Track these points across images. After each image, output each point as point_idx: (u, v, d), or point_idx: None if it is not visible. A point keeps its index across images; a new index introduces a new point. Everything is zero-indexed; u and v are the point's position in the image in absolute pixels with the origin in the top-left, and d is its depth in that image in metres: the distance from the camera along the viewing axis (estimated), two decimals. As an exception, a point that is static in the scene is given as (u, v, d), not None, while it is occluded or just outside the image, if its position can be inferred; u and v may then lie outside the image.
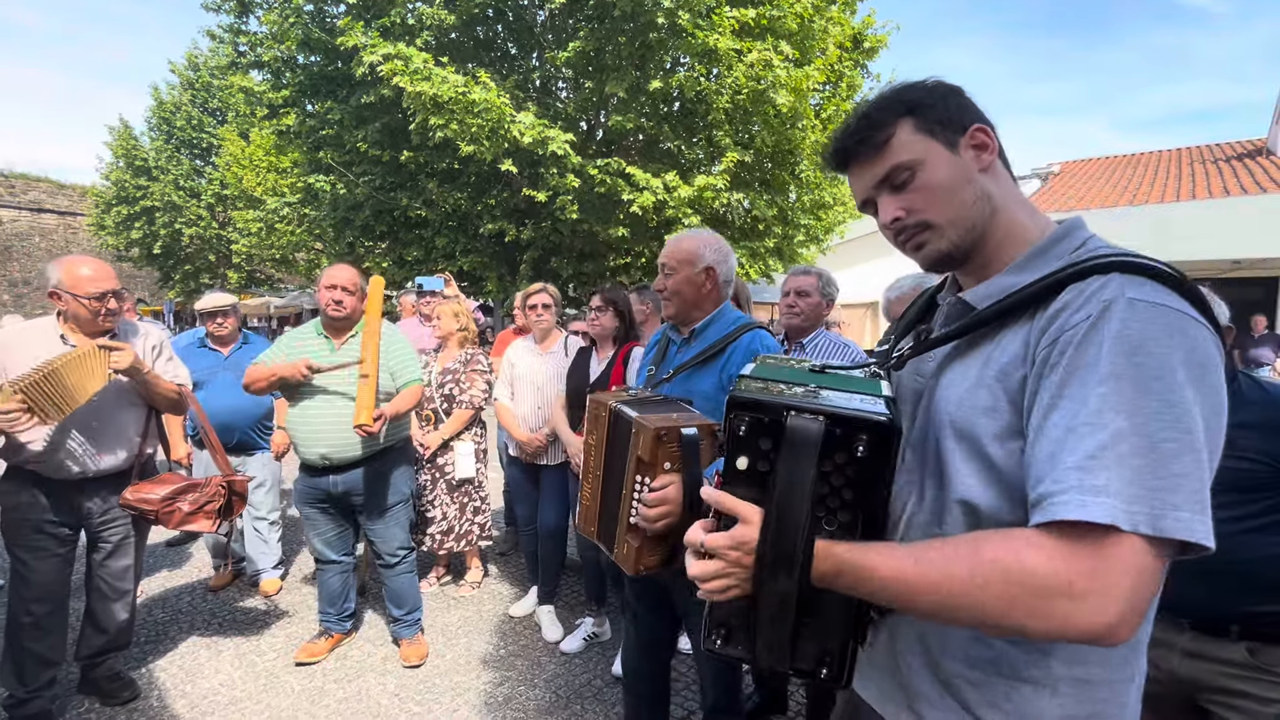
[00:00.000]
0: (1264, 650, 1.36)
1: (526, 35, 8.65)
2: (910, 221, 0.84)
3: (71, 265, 2.24)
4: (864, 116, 0.85)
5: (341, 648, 2.94)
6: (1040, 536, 0.65)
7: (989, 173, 0.84)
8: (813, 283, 2.55)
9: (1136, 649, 0.80)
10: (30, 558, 2.27)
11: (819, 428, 0.72)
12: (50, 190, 24.22)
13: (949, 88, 0.86)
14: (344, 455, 2.66)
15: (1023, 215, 0.85)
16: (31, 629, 2.27)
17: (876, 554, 0.71)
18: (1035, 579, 0.63)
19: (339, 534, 2.84)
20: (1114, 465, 0.62)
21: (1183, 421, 0.63)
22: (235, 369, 3.40)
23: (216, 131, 19.33)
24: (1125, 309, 0.67)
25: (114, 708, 2.50)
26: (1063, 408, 0.67)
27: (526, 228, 8.71)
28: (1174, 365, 0.64)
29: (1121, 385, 0.64)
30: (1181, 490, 0.61)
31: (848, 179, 0.92)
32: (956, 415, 0.79)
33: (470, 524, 3.52)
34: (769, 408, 0.76)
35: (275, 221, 13.06)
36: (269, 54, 8.46)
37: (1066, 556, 0.62)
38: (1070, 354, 0.68)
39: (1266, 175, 10.05)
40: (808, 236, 9.59)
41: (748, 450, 0.77)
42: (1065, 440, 0.66)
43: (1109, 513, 0.61)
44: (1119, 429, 0.63)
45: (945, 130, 0.82)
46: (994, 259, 0.85)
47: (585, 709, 2.55)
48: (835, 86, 9.08)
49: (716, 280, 1.87)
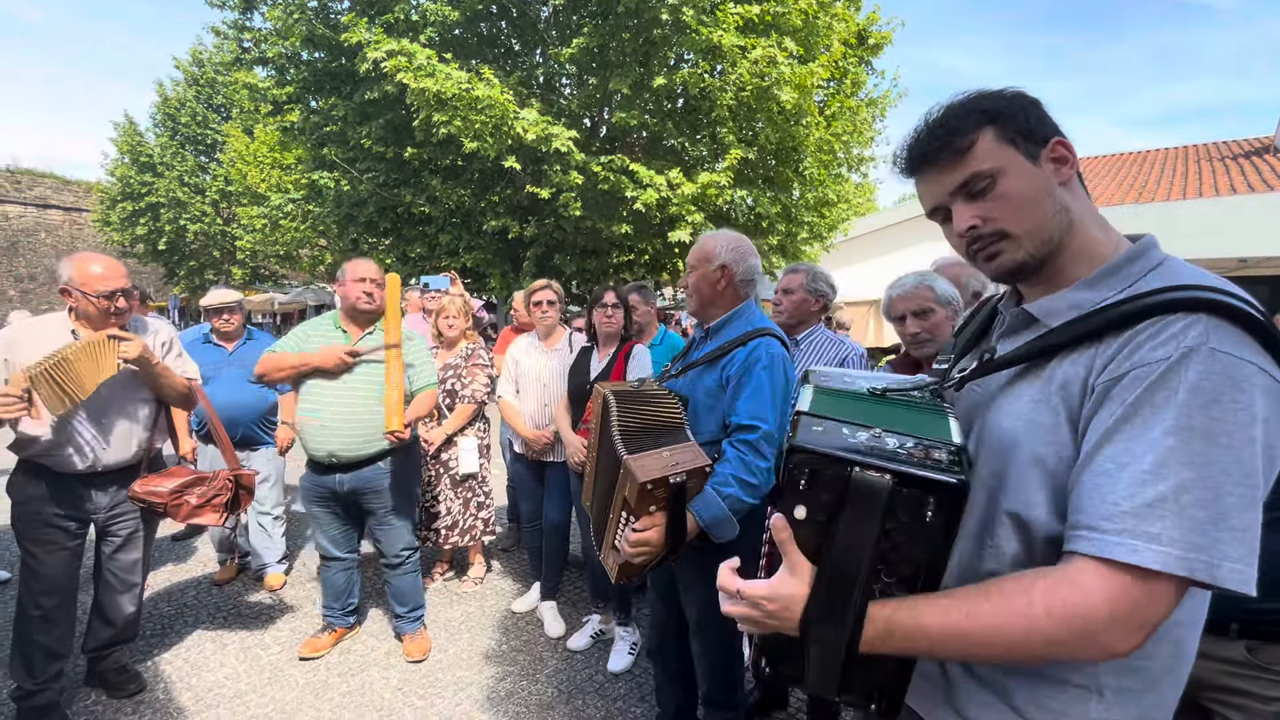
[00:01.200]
0: (1263, 648, 1.36)
1: (530, 31, 8.63)
2: (986, 230, 0.83)
3: (83, 263, 2.24)
4: (943, 122, 0.84)
5: (345, 642, 2.96)
6: (1084, 576, 0.67)
7: (1068, 186, 0.83)
8: (798, 280, 2.54)
9: (1185, 658, 0.81)
10: (40, 551, 2.29)
11: (886, 486, 0.69)
12: (56, 186, 24.30)
13: (1030, 99, 0.85)
14: (353, 454, 2.66)
15: (1096, 231, 0.84)
16: (40, 621, 2.29)
17: (928, 612, 0.71)
18: (1087, 623, 0.66)
19: (344, 531, 2.85)
20: (1173, 514, 0.64)
21: (1251, 477, 0.65)
22: (240, 365, 3.42)
23: (221, 128, 19.37)
24: (1206, 360, 0.67)
25: (120, 700, 2.52)
26: (1118, 443, 0.68)
27: (530, 224, 8.71)
28: (1246, 422, 0.65)
29: (1192, 439, 0.65)
30: (1242, 544, 0.64)
31: (915, 184, 0.90)
32: (1016, 431, 0.79)
33: (474, 519, 3.54)
34: (833, 460, 0.72)
35: (279, 218, 13.06)
36: (273, 50, 8.47)
37: (1114, 598, 0.65)
38: (1139, 392, 0.68)
39: (1273, 173, 9.98)
40: (811, 234, 9.55)
41: (807, 501, 0.74)
42: (1118, 477, 0.67)
43: (1161, 560, 0.64)
44: (1183, 480, 0.64)
45: (1026, 141, 0.81)
46: (1063, 273, 0.84)
47: (587, 704, 2.56)
48: (839, 83, 9.04)
49: (732, 279, 1.91)
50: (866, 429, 0.76)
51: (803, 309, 2.54)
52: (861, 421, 0.78)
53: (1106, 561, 0.66)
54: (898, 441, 0.74)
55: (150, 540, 2.58)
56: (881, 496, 0.69)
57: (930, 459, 0.72)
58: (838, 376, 0.97)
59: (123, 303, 2.28)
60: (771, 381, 1.73)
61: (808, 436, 0.75)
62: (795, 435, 0.76)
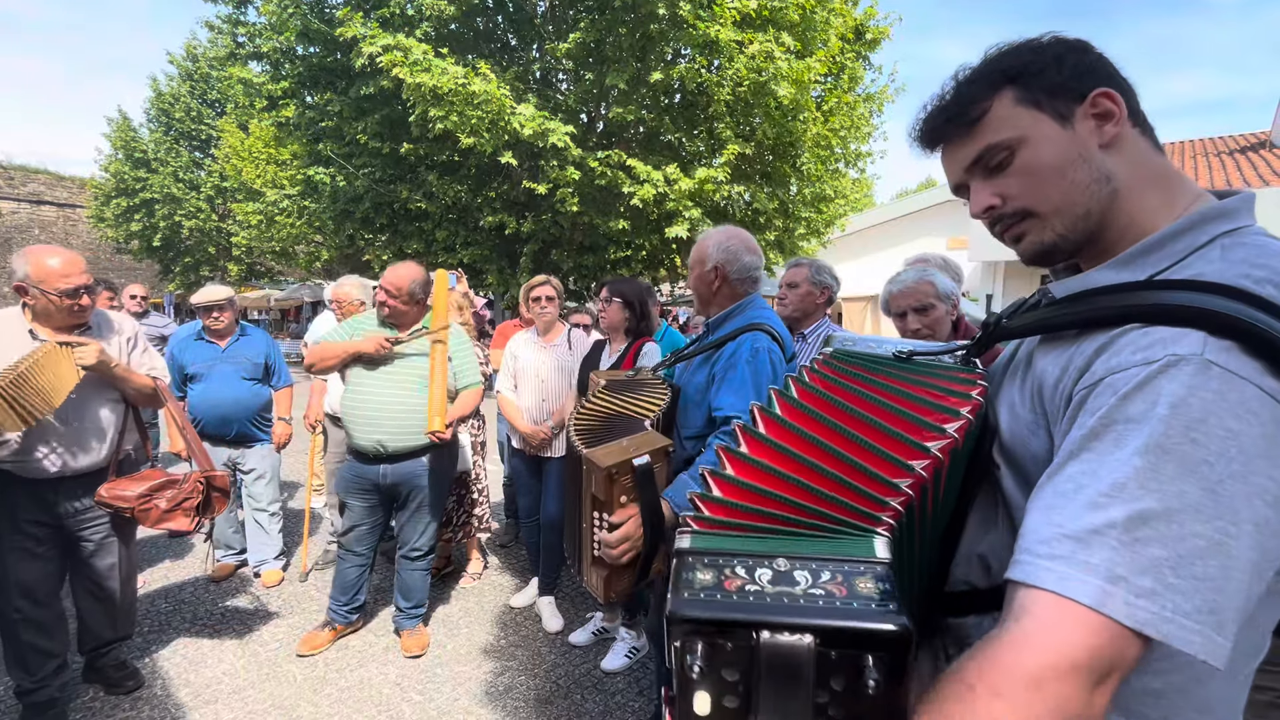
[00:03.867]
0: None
1: (527, 26, 8.60)
2: (1007, 210, 0.72)
3: (39, 257, 2.10)
4: (956, 91, 0.74)
5: (343, 638, 2.96)
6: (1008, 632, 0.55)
7: (1114, 147, 0.69)
8: (802, 273, 2.54)
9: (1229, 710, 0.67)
10: (11, 557, 2.22)
11: (808, 651, 0.53)
12: (49, 182, 24.16)
13: (1067, 45, 0.71)
14: (401, 444, 2.65)
15: (1156, 198, 0.70)
16: (24, 625, 2.25)
17: None
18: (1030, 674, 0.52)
19: (371, 527, 2.85)
20: (1120, 547, 0.53)
21: (1226, 515, 0.53)
22: (233, 361, 3.41)
23: (216, 123, 19.26)
24: (1196, 372, 0.55)
25: (119, 696, 2.52)
26: (1083, 460, 0.58)
27: (527, 220, 8.68)
28: (1234, 454, 0.53)
29: (1164, 462, 0.54)
30: (1199, 596, 0.52)
31: (942, 162, 0.79)
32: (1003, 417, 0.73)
33: (468, 516, 3.54)
34: (730, 627, 0.55)
35: (275, 214, 13.01)
36: (268, 45, 8.42)
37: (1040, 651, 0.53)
38: (1113, 402, 0.58)
39: (1269, 168, 10.00)
40: (808, 229, 9.56)
41: (709, 686, 0.56)
42: (1073, 499, 0.57)
43: (1094, 595, 0.52)
44: (1143, 510, 0.53)
45: (1056, 100, 0.69)
46: (1111, 251, 0.71)
47: (585, 699, 2.57)
48: (837, 78, 9.02)
49: (725, 278, 1.93)
50: (763, 560, 0.60)
51: (808, 302, 2.54)
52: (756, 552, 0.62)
53: (1034, 589, 0.55)
54: (808, 574, 0.58)
55: (129, 542, 2.49)
56: (806, 663, 0.53)
57: (856, 594, 0.56)
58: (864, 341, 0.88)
59: (85, 300, 2.16)
60: (755, 374, 1.73)
61: (687, 597, 0.58)
62: (673, 599, 0.58)
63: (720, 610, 0.56)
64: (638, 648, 2.85)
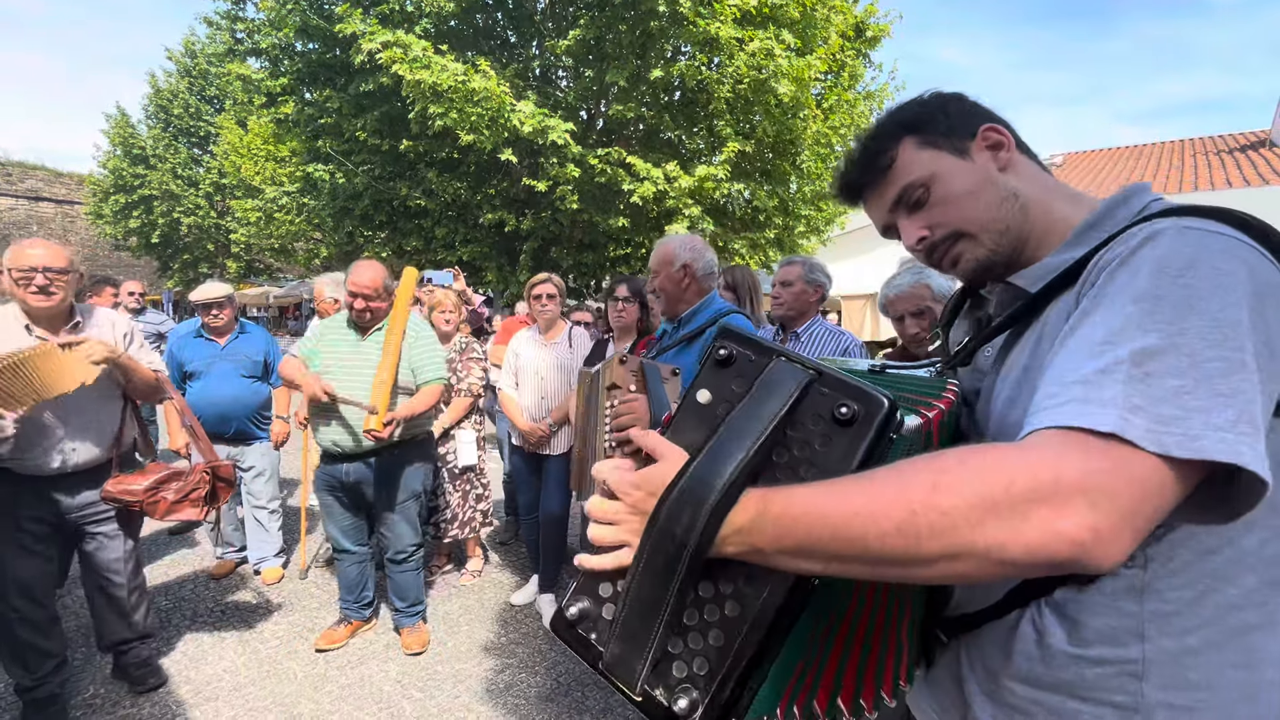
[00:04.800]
0: None
1: (526, 23, 8.57)
2: (939, 236, 0.79)
3: (18, 245, 2.13)
4: (864, 147, 0.83)
5: (359, 634, 2.96)
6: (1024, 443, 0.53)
7: (1010, 170, 0.79)
8: (796, 271, 2.55)
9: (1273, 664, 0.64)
10: (8, 554, 2.21)
11: (803, 377, 0.59)
12: (47, 178, 24.07)
13: (946, 96, 0.82)
14: (351, 445, 2.66)
15: (1063, 204, 0.78)
16: (20, 623, 2.24)
17: (809, 492, 0.54)
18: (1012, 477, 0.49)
19: (354, 524, 2.85)
20: (1131, 381, 0.51)
21: (1232, 340, 0.52)
22: (232, 359, 3.40)
23: (214, 120, 19.20)
24: (1175, 234, 0.59)
25: (120, 692, 2.52)
26: (1080, 332, 0.58)
27: (526, 218, 8.67)
28: (1227, 285, 0.55)
29: (1160, 304, 0.54)
30: (1231, 408, 0.50)
31: (866, 211, 0.87)
32: (1008, 412, 0.71)
33: (473, 511, 3.55)
34: (760, 348, 0.63)
35: (274, 211, 12.97)
36: (266, 41, 8.39)
37: (1054, 459, 0.50)
38: (1101, 280, 0.61)
39: (1269, 167, 10.00)
40: (808, 228, 9.55)
41: (714, 385, 0.63)
42: (1073, 356, 0.56)
43: (1116, 422, 0.49)
44: (1147, 346, 0.52)
45: (951, 139, 0.78)
46: (1038, 258, 0.77)
47: (586, 695, 2.57)
48: (837, 76, 9.01)
49: (694, 274, 2.08)
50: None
51: (802, 300, 2.54)
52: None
53: (1051, 428, 0.52)
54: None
55: (135, 536, 2.50)
56: (791, 385, 0.58)
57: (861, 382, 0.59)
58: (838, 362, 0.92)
59: (42, 280, 2.10)
60: None
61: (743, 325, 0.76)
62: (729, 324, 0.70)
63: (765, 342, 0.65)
64: None
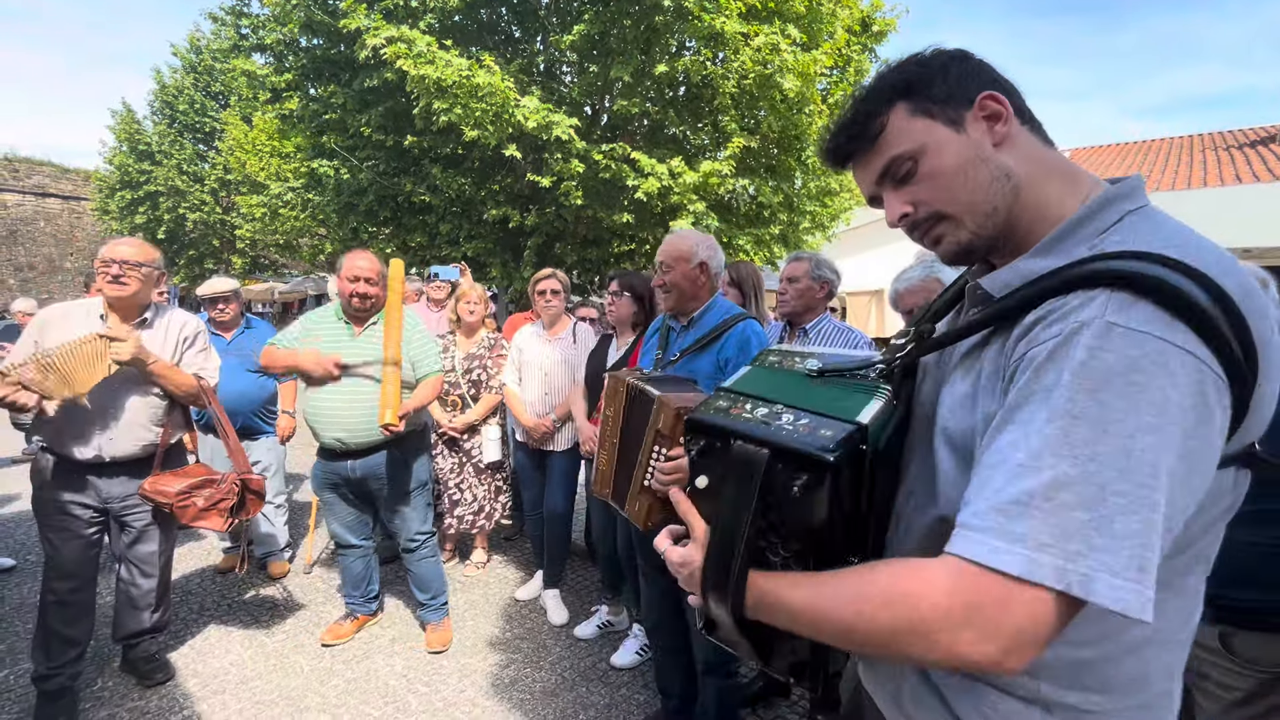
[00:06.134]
0: (1237, 635, 1.37)
1: (531, 18, 8.54)
2: (921, 215, 0.76)
3: (111, 241, 2.34)
4: (853, 110, 0.78)
5: (365, 628, 2.98)
6: (934, 569, 0.61)
7: (1006, 145, 0.73)
8: (802, 268, 2.53)
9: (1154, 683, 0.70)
10: (55, 537, 2.31)
11: (760, 459, 0.71)
12: (54, 174, 24.17)
13: (948, 56, 0.76)
14: (361, 440, 2.64)
15: (1056, 187, 0.73)
16: (55, 607, 2.31)
17: (790, 586, 0.69)
18: (919, 617, 0.59)
19: (358, 518, 2.85)
20: (1043, 514, 0.56)
21: (1138, 472, 0.55)
22: (238, 354, 3.41)
23: (219, 116, 19.23)
24: (1098, 335, 0.58)
25: (129, 685, 2.54)
26: (1006, 433, 0.61)
27: (530, 213, 8.66)
28: (1143, 406, 0.55)
29: (1076, 425, 0.56)
30: (1122, 554, 0.54)
31: (853, 176, 0.84)
32: (949, 421, 0.74)
33: (494, 504, 3.59)
34: (717, 431, 0.77)
35: (279, 207, 12.99)
36: (271, 37, 8.38)
37: (961, 595, 0.58)
38: (1029, 376, 0.61)
39: (1279, 162, 9.91)
40: (813, 223, 9.51)
41: (705, 470, 0.78)
42: (998, 469, 0.60)
43: (1024, 565, 0.56)
44: (1060, 476, 0.56)
45: (946, 107, 0.73)
46: (1025, 242, 0.74)
47: (590, 691, 2.58)
48: (843, 71, 8.95)
49: (709, 273, 2.07)
50: (769, 405, 0.78)
51: (808, 296, 2.53)
52: (772, 398, 0.79)
53: (966, 560, 0.59)
54: (793, 417, 0.74)
55: (170, 533, 2.54)
56: (756, 468, 0.70)
57: (817, 434, 0.70)
58: (788, 355, 0.93)
59: (117, 270, 2.26)
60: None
61: (703, 410, 0.81)
62: (694, 413, 0.81)
63: (717, 420, 0.78)
64: (649, 645, 2.83)
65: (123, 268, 2.27)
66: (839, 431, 0.70)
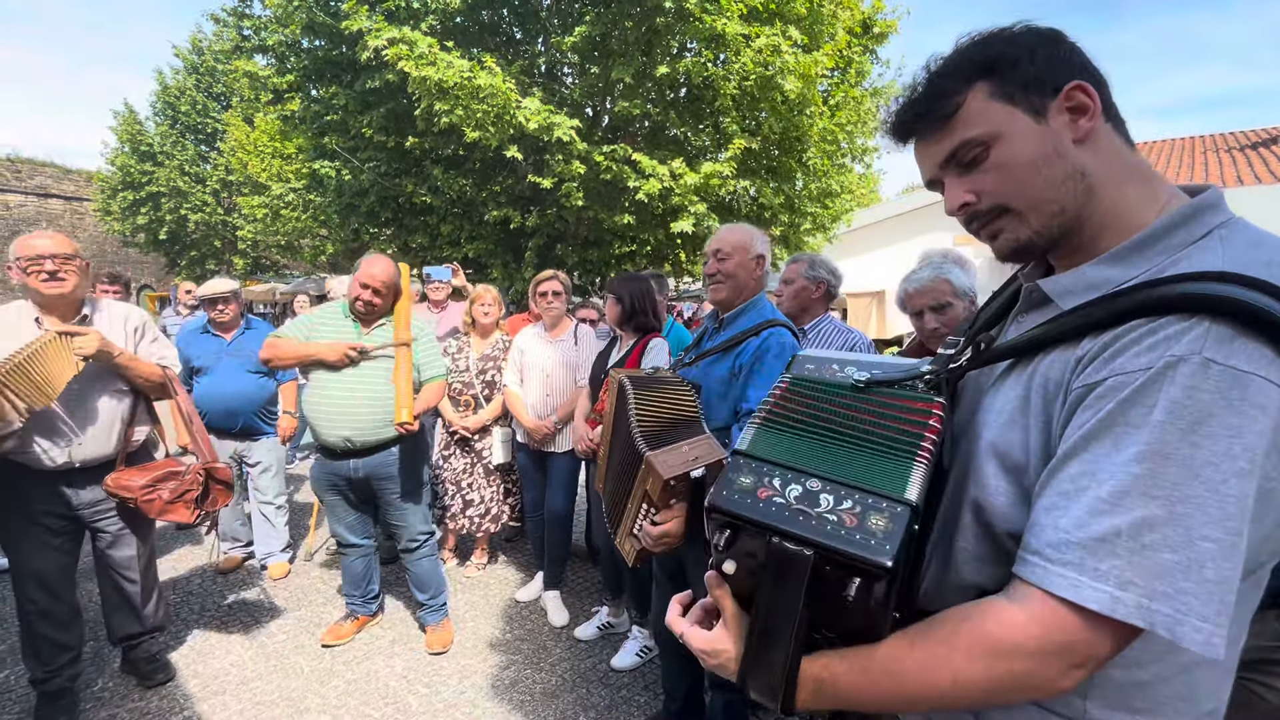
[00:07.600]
0: None
1: (532, 20, 8.56)
2: (983, 207, 0.71)
3: (24, 237, 2.14)
4: (929, 84, 0.72)
5: (365, 629, 2.97)
6: (1008, 611, 0.60)
7: (1087, 142, 0.68)
8: (797, 269, 2.53)
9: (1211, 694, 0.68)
10: (25, 548, 2.22)
11: (806, 560, 0.63)
12: (56, 175, 24.20)
13: (1040, 35, 0.69)
14: (369, 438, 2.64)
15: (1133, 193, 0.69)
16: (38, 616, 2.26)
17: (852, 672, 0.66)
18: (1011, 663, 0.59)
19: (359, 518, 2.85)
20: (1128, 554, 0.55)
21: (1231, 519, 0.53)
22: (238, 354, 3.41)
23: (221, 117, 19.28)
24: (1195, 373, 0.54)
25: (129, 685, 2.54)
26: (1082, 461, 0.59)
27: (531, 215, 8.67)
28: (1238, 451, 0.53)
29: (1166, 468, 0.54)
30: (1214, 600, 0.54)
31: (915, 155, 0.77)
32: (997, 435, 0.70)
33: (501, 506, 3.59)
34: (752, 525, 0.67)
35: (280, 207, 13.02)
36: (273, 38, 8.40)
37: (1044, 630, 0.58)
38: (1112, 405, 0.58)
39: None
40: (814, 225, 9.51)
41: (734, 556, 0.71)
42: (1075, 500, 0.58)
43: (1107, 603, 0.55)
44: (1148, 517, 0.55)
45: (1030, 93, 0.67)
46: (1094, 244, 0.69)
47: (591, 692, 2.58)
48: (844, 73, 8.96)
49: (764, 268, 2.02)
50: (800, 478, 0.68)
51: (803, 297, 2.52)
52: (800, 466, 0.69)
53: (1046, 592, 0.58)
54: (832, 500, 0.65)
55: (145, 533, 2.49)
56: (802, 570, 0.63)
57: (866, 527, 0.62)
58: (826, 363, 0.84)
59: (51, 266, 2.09)
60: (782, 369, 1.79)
61: (727, 494, 0.69)
62: (716, 490, 0.70)
63: (748, 510, 0.67)
64: (649, 647, 2.82)
65: (56, 262, 2.10)
66: (893, 523, 0.62)
